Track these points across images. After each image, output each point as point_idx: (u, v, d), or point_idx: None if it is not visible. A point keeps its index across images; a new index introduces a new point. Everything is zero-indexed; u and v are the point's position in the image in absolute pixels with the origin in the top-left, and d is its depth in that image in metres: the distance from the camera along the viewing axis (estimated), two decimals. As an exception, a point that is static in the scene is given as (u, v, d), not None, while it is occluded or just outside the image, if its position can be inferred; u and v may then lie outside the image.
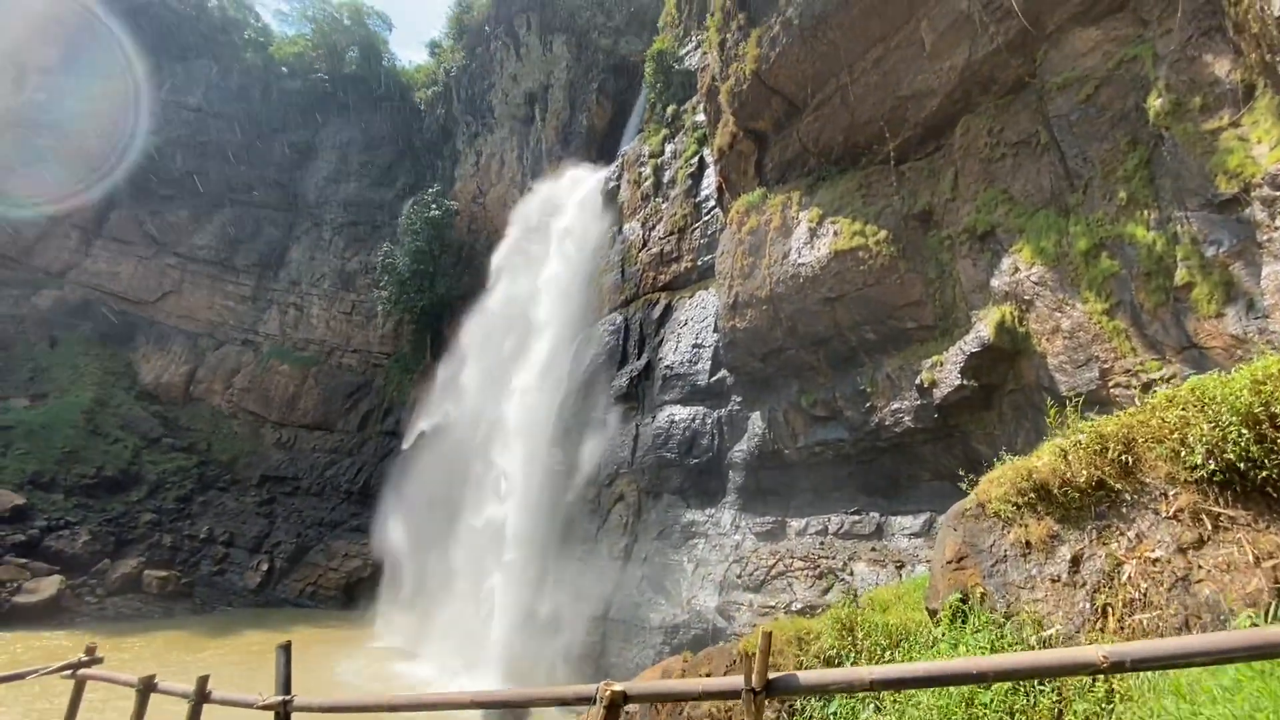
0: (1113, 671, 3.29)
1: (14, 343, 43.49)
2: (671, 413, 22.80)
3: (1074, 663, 3.32)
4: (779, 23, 17.81)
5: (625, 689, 3.99)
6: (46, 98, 48.11)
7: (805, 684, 3.55)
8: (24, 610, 29.58)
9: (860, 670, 3.51)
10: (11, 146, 47.00)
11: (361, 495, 44.35)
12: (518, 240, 36.83)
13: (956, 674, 3.49)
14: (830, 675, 3.73)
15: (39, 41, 48.97)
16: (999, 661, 3.48)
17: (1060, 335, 12.47)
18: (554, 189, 36.12)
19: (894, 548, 16.05)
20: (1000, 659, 3.52)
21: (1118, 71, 12.15)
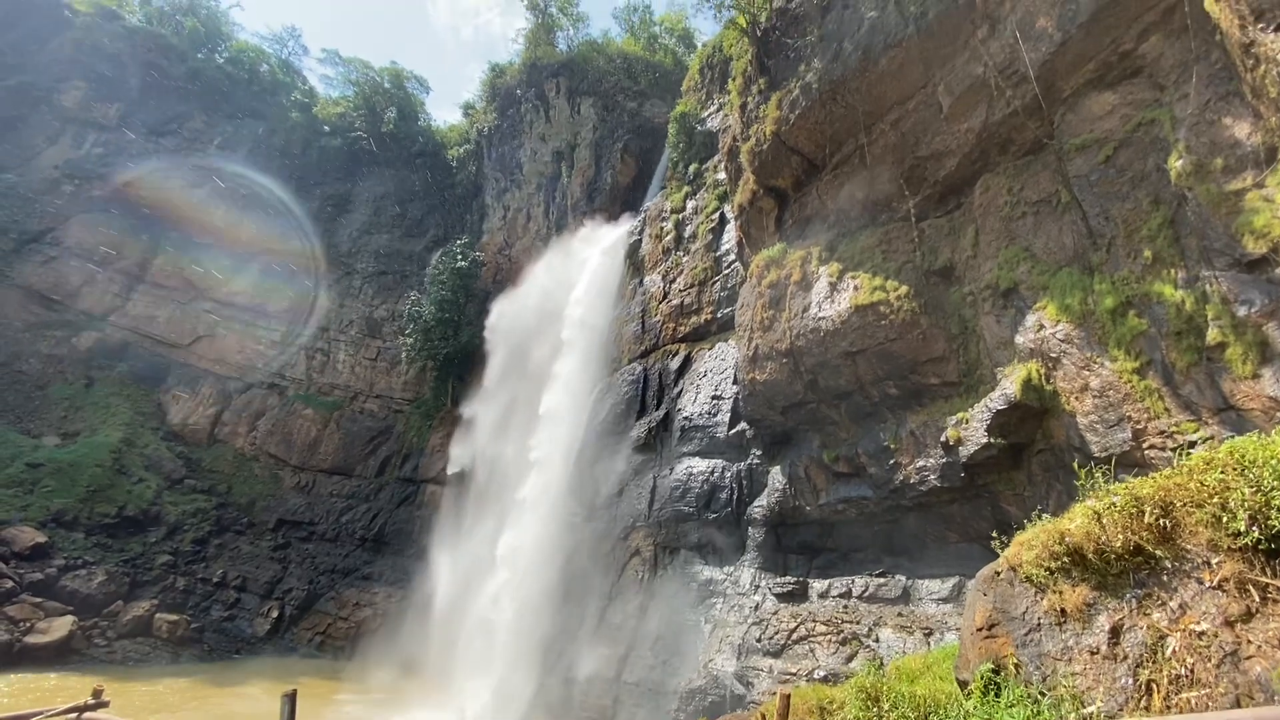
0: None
1: (52, 382, 44.82)
2: (690, 465, 22.50)
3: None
4: (798, 87, 18.43)
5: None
6: (104, 152, 51.14)
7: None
8: (34, 651, 29.41)
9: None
10: (69, 197, 49.79)
11: (375, 542, 44.06)
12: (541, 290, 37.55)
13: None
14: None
15: (102, 102, 52.46)
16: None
17: (1090, 394, 12.19)
18: (578, 242, 37.01)
19: (922, 613, 15.36)
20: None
21: (1136, 134, 12.28)
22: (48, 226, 48.89)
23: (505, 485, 31.59)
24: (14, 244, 47.35)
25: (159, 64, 55.39)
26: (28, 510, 36.08)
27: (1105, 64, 12.97)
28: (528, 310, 36.70)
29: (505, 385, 36.40)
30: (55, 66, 52.15)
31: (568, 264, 35.82)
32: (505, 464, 32.92)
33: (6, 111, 49.97)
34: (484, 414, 37.85)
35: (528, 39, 49.59)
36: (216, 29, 63.46)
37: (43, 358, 45.50)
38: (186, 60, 57.43)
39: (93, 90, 52.39)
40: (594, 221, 39.17)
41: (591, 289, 32.64)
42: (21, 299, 46.60)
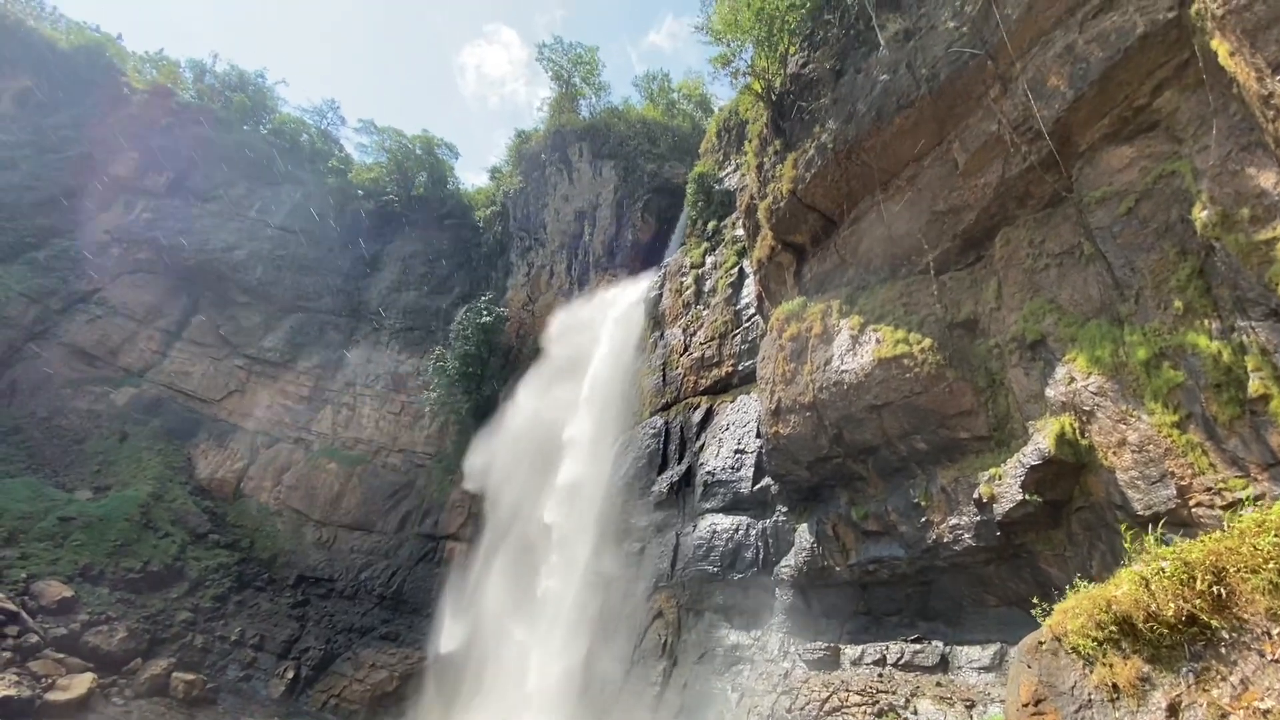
0: None
1: (88, 436, 46.00)
2: (713, 522, 21.99)
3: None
4: (814, 147, 18.90)
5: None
6: (152, 217, 54.03)
7: None
8: (54, 708, 29.05)
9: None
10: (116, 259, 52.40)
11: (394, 601, 43.36)
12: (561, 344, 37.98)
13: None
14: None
15: (153, 171, 55.82)
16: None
17: (1128, 449, 11.74)
18: (600, 297, 37.60)
19: (962, 683, 14.48)
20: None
21: (1157, 185, 12.26)
22: (95, 287, 51.32)
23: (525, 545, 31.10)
24: (63, 304, 49.65)
25: (207, 135, 59.06)
26: (57, 564, 36.38)
27: (1120, 119, 13.10)
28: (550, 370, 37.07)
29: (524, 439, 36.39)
30: (111, 139, 55.86)
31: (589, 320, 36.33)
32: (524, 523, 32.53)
33: (66, 181, 53.39)
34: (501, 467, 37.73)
35: (552, 107, 51.99)
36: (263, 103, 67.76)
37: (81, 413, 46.89)
38: (233, 131, 61.18)
39: (145, 160, 55.89)
40: (615, 278, 39.87)
41: (613, 344, 32.93)
42: (66, 356, 48.48)
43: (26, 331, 47.63)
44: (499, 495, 37.03)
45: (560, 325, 39.48)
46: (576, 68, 51.31)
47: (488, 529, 37.18)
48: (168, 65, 66.68)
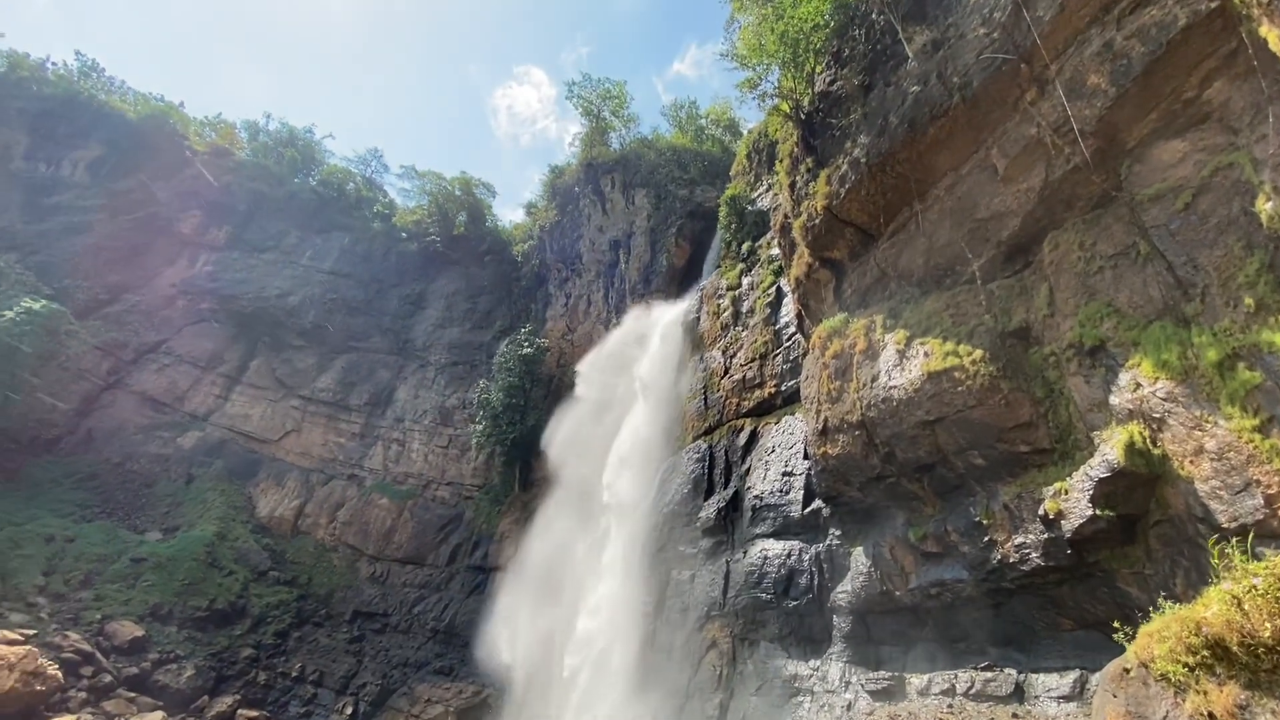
0: None
1: (158, 479, 48.33)
2: (764, 547, 21.50)
3: None
4: (846, 162, 18.77)
5: None
6: (213, 269, 57.26)
7: None
8: (126, 748, 30.07)
9: None
10: (181, 311, 55.58)
11: (447, 634, 43.63)
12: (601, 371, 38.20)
13: None
14: None
15: (214, 227, 59.36)
16: None
17: (1206, 457, 11.02)
18: (636, 324, 37.82)
19: (1040, 713, 13.61)
20: None
21: (1214, 179, 11.71)
22: (163, 338, 54.45)
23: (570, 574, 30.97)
24: (134, 355, 52.78)
25: (261, 190, 62.61)
26: (129, 605, 38.00)
27: (1169, 113, 12.62)
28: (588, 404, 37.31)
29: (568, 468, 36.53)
30: (176, 199, 59.72)
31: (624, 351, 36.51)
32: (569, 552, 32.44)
33: (136, 240, 57.18)
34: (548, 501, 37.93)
35: (583, 141, 53.24)
36: (311, 156, 71.50)
37: (151, 457, 49.38)
38: (285, 184, 64.67)
39: (206, 217, 59.54)
40: (651, 304, 40.09)
41: (652, 370, 32.95)
42: (137, 404, 51.32)
43: (101, 382, 50.71)
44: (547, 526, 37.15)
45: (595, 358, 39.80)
46: (605, 102, 52.55)
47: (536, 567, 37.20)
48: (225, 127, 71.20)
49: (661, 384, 31.94)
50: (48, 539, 39.39)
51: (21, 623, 32.89)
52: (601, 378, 37.46)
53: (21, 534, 38.73)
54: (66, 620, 34.97)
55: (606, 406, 34.59)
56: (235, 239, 59.59)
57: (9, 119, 57.35)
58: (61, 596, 36.62)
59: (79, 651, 32.58)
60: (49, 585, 36.85)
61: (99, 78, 67.27)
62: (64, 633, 33.38)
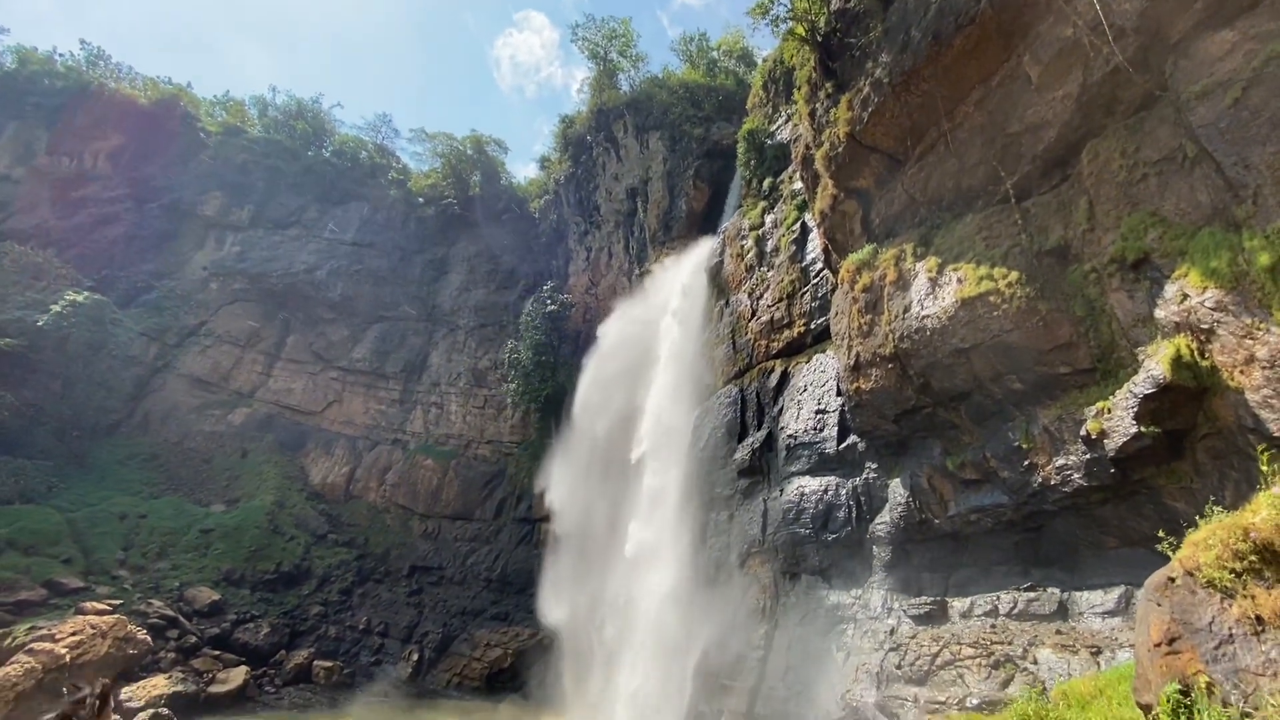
0: None
1: (215, 455, 50.79)
2: (801, 484, 21.74)
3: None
4: (868, 84, 17.90)
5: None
6: (240, 250, 58.29)
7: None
8: (217, 699, 32.70)
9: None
10: (215, 293, 57.01)
11: (500, 583, 45.80)
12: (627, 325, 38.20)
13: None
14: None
15: (235, 207, 60.09)
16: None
17: (1257, 365, 10.64)
18: (659, 272, 37.48)
19: (1084, 629, 13.76)
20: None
21: (1266, 69, 10.87)
22: (201, 320, 56.14)
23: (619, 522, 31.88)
24: (177, 338, 54.66)
25: (277, 166, 62.83)
26: (203, 571, 40.66)
27: (1216, 1, 11.64)
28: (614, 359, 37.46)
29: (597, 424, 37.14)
30: (196, 182, 60.43)
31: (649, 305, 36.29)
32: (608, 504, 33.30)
33: (163, 226, 58.37)
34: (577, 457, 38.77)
35: (592, 86, 51.67)
36: (322, 127, 71.15)
37: (206, 435, 51.76)
38: (299, 158, 64.74)
39: (227, 198, 60.22)
40: (673, 251, 39.58)
41: (678, 319, 32.81)
42: (187, 385, 53.47)
43: (150, 367, 52.81)
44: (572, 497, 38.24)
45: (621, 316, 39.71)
46: (611, 43, 50.65)
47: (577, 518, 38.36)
48: (234, 105, 71.08)
49: (689, 334, 31.85)
50: (121, 516, 42.02)
51: (108, 594, 35.50)
52: (626, 336, 37.48)
53: (97, 514, 41.38)
54: (148, 589, 37.63)
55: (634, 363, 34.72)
56: (257, 217, 60.34)
57: (26, 115, 58.14)
58: (141, 568, 39.29)
59: (163, 616, 35.15)
60: (128, 559, 39.51)
61: (106, 65, 67.37)
62: (147, 600, 35.97)
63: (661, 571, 26.45)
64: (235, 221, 59.88)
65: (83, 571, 36.73)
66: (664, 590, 25.86)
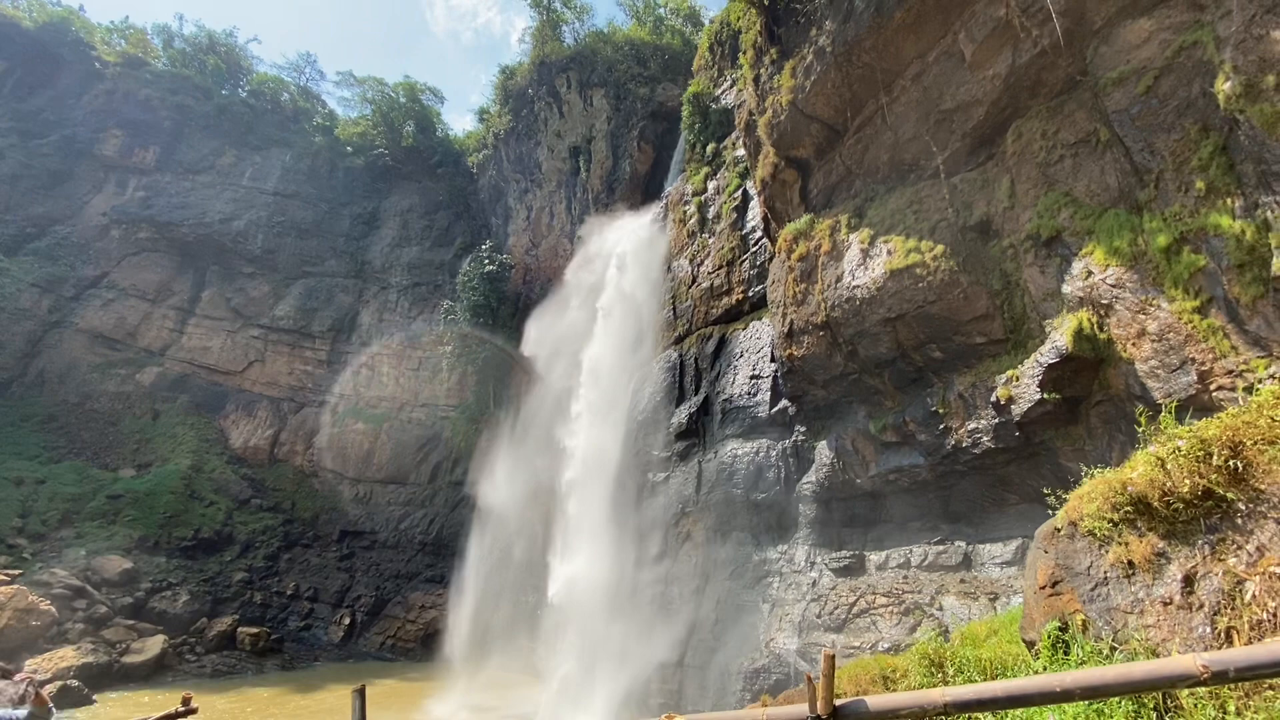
0: (1214, 683, 2.93)
1: (122, 417, 47.45)
2: (734, 447, 22.42)
3: (1169, 675, 3.00)
4: (811, 52, 17.98)
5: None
6: (146, 195, 53.56)
7: (874, 709, 3.30)
8: (132, 669, 31.37)
9: (932, 693, 3.24)
10: (118, 241, 52.38)
11: (435, 546, 45.37)
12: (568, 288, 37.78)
13: (1038, 692, 3.19)
14: (900, 699, 3.45)
15: (139, 147, 54.87)
16: (1084, 677, 3.15)
17: (1148, 339, 11.63)
18: (601, 235, 37.05)
19: (985, 578, 15.01)
20: (1085, 674, 3.18)
21: (1177, 59, 11.58)
22: (103, 271, 51.62)
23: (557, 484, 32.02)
24: (74, 290, 50.15)
25: (187, 105, 57.55)
26: (113, 539, 38.37)
27: (1137, -11, 12.25)
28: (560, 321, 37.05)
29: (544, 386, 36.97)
30: (92, 118, 54.74)
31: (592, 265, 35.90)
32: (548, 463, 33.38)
33: (54, 166, 52.78)
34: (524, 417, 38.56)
35: (534, 37, 49.62)
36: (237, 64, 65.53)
37: (111, 395, 48.19)
38: (212, 97, 59.52)
39: (129, 137, 54.85)
40: (616, 213, 39.12)
41: (618, 281, 32.67)
42: (87, 342, 49.35)
43: (43, 322, 48.39)
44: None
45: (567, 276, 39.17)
46: (556, -9, 48.62)
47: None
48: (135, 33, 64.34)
49: (629, 300, 31.79)
50: (17, 482, 38.93)
51: (5, 564, 33.10)
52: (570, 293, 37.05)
53: (-13, 478, 38.14)
54: (50, 559, 35.27)
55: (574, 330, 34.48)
56: (165, 160, 55.40)
57: (-120, 29, 50.86)
58: (41, 536, 36.71)
59: (69, 586, 33.11)
60: (27, 526, 36.80)
61: (-19, -21, 59.35)
62: (50, 570, 33.75)
63: (599, 531, 26.89)
64: (139, 164, 54.76)
65: (-27, 541, 34.00)
66: (601, 550, 26.35)
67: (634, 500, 26.03)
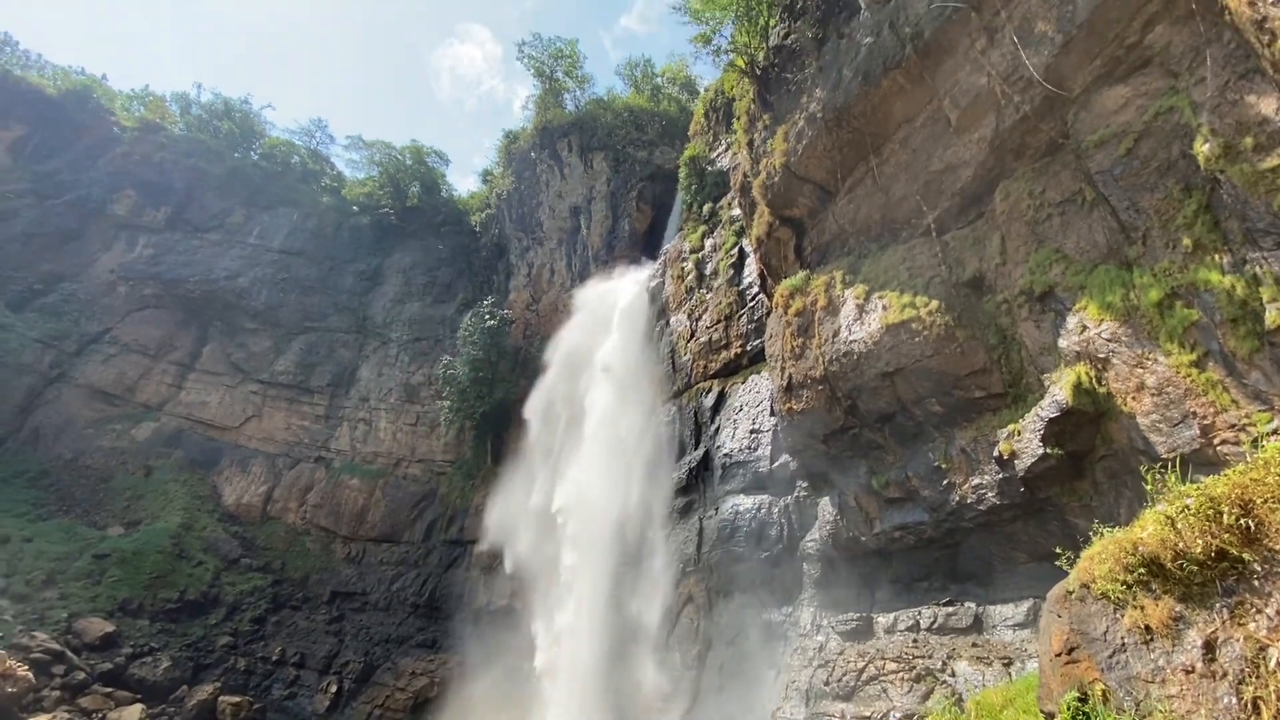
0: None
1: (114, 474, 46.76)
2: (735, 503, 22.02)
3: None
4: (803, 118, 18.70)
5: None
6: (154, 253, 54.56)
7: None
8: (106, 743, 29.75)
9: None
10: (123, 298, 53.01)
11: (427, 608, 43.85)
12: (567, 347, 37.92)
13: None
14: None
15: (150, 207, 56.30)
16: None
17: (1147, 392, 11.60)
18: (600, 292, 37.55)
19: (998, 641, 14.46)
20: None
21: (1155, 123, 12.02)
22: (106, 327, 51.99)
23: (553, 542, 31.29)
24: (76, 346, 50.37)
25: (200, 167, 59.38)
26: (96, 601, 37.11)
27: (1113, 59, 12.84)
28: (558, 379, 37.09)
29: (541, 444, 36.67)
30: (107, 179, 56.38)
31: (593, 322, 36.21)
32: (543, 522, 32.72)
33: (66, 225, 53.99)
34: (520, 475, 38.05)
35: (537, 104, 51.69)
36: (251, 128, 68.01)
37: (105, 451, 47.63)
38: (225, 160, 61.46)
39: (142, 197, 56.35)
40: (615, 270, 39.77)
41: (618, 339, 32.87)
42: (85, 397, 49.20)
43: (44, 377, 48.39)
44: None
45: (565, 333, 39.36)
46: (558, 62, 50.96)
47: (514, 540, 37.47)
48: (154, 101, 67.05)
49: (628, 353, 31.92)
50: (4, 540, 38.00)
51: (-17, 627, 31.88)
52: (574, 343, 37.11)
53: (-28, 537, 37.25)
54: (32, 620, 34.02)
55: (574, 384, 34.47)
56: (175, 219, 56.71)
57: (-89, 97, 53.04)
58: (24, 597, 35.52)
59: (48, 651, 31.82)
60: (10, 587, 35.67)
61: (14, 52, 62.53)
62: (30, 633, 32.49)
63: (597, 591, 26.07)
64: (149, 223, 56.02)
65: (-49, 603, 32.90)
66: (598, 612, 25.48)
67: (633, 560, 25.35)
